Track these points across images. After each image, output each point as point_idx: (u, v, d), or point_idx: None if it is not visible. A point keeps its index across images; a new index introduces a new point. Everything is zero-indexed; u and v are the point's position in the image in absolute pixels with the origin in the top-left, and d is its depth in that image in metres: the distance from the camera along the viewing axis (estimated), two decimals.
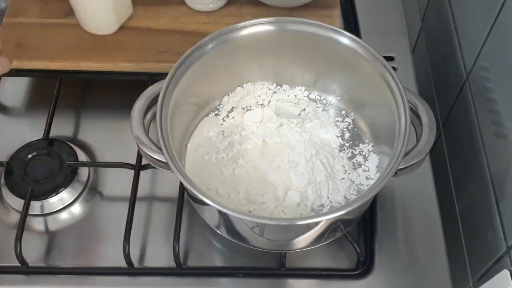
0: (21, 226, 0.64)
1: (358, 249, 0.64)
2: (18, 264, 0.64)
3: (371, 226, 0.68)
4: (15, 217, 0.68)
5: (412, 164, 0.58)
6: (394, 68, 0.80)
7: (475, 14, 0.72)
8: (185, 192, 0.66)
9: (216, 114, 0.70)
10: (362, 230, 0.68)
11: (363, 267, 0.65)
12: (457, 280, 0.68)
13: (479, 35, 0.69)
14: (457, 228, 0.77)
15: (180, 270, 0.65)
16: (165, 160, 0.56)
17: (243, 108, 0.70)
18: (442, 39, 0.84)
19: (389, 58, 0.82)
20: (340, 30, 0.64)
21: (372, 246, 0.66)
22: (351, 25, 0.86)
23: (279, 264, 0.65)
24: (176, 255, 0.63)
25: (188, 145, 0.67)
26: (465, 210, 0.76)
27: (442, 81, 0.86)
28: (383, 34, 0.85)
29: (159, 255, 0.66)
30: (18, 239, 0.63)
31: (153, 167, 0.60)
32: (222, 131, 0.69)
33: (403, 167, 0.57)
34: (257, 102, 0.71)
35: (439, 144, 0.86)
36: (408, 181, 0.70)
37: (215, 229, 0.64)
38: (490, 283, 0.62)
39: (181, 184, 0.67)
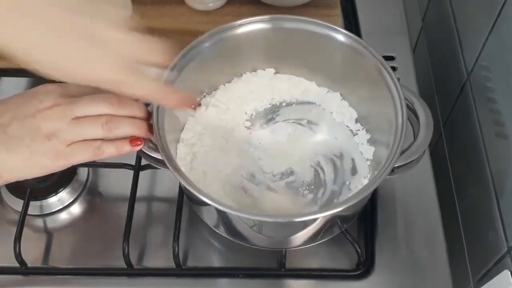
0: (20, 227, 0.64)
1: (358, 249, 0.63)
2: (17, 265, 0.64)
3: (371, 226, 0.68)
4: (14, 217, 0.68)
5: (410, 162, 0.58)
6: (394, 68, 0.80)
7: (476, 13, 0.72)
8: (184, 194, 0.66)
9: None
10: (363, 230, 0.68)
11: (364, 268, 0.65)
12: (457, 280, 0.68)
13: (480, 34, 0.69)
14: (458, 229, 0.77)
15: (179, 270, 0.65)
16: (161, 158, 0.56)
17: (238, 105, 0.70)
18: (443, 38, 0.84)
19: (389, 58, 0.82)
20: (336, 27, 0.64)
21: (373, 246, 0.66)
22: (352, 24, 0.86)
23: (279, 265, 0.64)
24: (175, 256, 0.63)
25: (180, 141, 0.67)
26: (466, 210, 0.76)
27: (443, 81, 0.86)
28: (384, 33, 0.85)
29: (159, 255, 0.66)
30: (17, 239, 0.63)
31: (152, 167, 0.60)
32: (219, 128, 0.68)
33: (400, 164, 0.57)
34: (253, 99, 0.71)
35: (440, 144, 0.86)
36: (409, 181, 0.70)
37: (214, 229, 0.64)
38: (491, 283, 0.62)
39: (180, 184, 0.66)
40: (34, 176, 0.53)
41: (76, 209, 0.70)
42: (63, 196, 0.70)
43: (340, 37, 0.64)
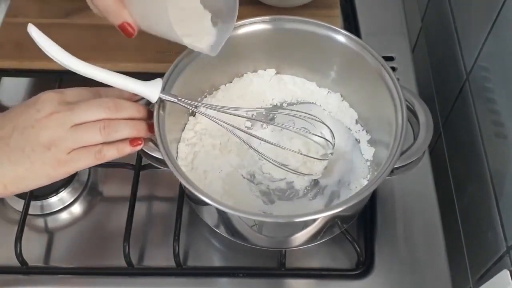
0: (21, 226, 0.64)
1: (358, 249, 0.64)
2: (18, 264, 0.64)
3: (371, 226, 0.68)
4: (15, 217, 0.68)
5: (409, 163, 0.58)
6: (394, 68, 0.80)
7: (475, 14, 0.72)
8: (185, 194, 0.66)
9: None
10: (362, 230, 0.68)
11: (363, 267, 0.65)
12: (457, 280, 0.68)
13: (479, 35, 0.69)
14: (457, 228, 0.77)
15: (180, 270, 0.65)
16: (162, 158, 0.56)
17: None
18: (442, 39, 0.84)
19: (389, 58, 0.82)
20: (336, 28, 0.65)
21: (372, 246, 0.66)
22: (351, 25, 0.86)
23: (279, 264, 0.65)
24: (176, 255, 0.63)
25: (181, 141, 0.67)
26: (465, 210, 0.76)
27: (442, 81, 0.86)
28: (383, 34, 0.85)
29: (159, 255, 0.66)
30: (18, 239, 0.63)
31: (152, 167, 0.60)
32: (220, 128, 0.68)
33: (400, 165, 0.57)
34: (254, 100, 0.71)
35: (439, 144, 0.86)
36: (408, 181, 0.70)
37: (214, 229, 0.64)
38: (490, 283, 0.62)
39: (181, 184, 0.66)
40: (38, 186, 0.53)
41: (77, 209, 0.70)
42: (64, 196, 0.70)
43: (340, 38, 0.65)
